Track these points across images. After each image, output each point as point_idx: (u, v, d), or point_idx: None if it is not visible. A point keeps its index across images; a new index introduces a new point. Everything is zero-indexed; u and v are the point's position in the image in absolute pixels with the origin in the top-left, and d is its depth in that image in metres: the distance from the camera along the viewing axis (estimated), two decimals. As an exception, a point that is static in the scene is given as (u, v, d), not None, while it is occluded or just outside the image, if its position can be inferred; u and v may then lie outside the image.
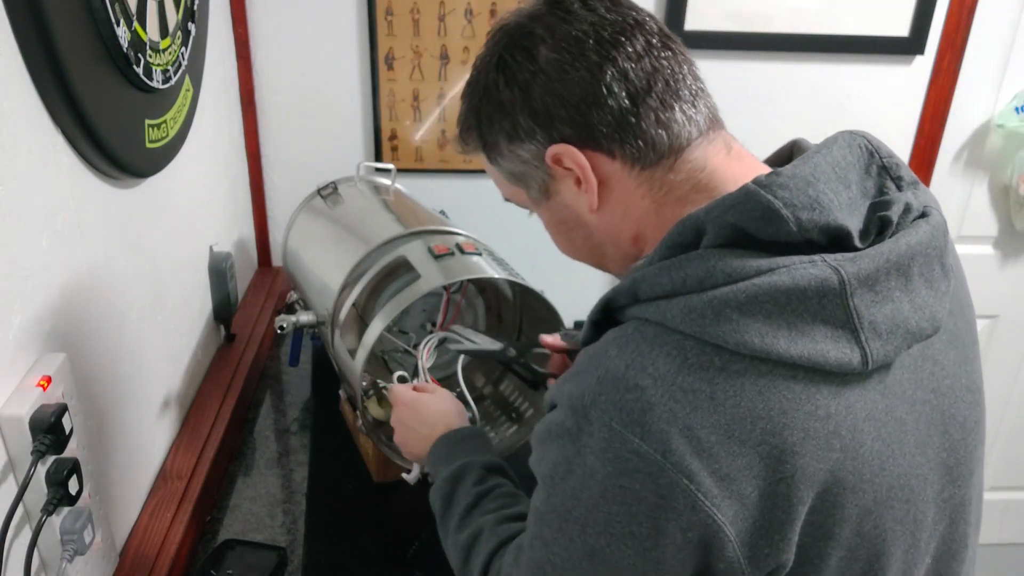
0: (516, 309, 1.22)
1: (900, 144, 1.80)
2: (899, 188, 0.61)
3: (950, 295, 0.62)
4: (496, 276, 1.03)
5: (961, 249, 2.31)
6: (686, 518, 0.53)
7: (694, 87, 0.65)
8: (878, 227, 0.58)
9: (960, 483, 0.65)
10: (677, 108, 0.63)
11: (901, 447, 0.58)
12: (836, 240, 0.56)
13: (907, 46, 1.71)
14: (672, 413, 0.53)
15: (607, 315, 0.62)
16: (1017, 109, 1.78)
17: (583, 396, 0.56)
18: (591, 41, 0.62)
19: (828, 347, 0.54)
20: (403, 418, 0.94)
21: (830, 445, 0.55)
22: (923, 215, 0.61)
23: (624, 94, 0.62)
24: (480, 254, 1.07)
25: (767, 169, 0.64)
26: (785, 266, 0.54)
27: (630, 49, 0.62)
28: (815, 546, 0.57)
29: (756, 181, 0.56)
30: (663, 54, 0.63)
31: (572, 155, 0.64)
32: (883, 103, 1.76)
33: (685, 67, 0.65)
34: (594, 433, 0.55)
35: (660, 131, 0.63)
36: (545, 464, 0.60)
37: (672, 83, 0.63)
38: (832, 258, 0.55)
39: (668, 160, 0.64)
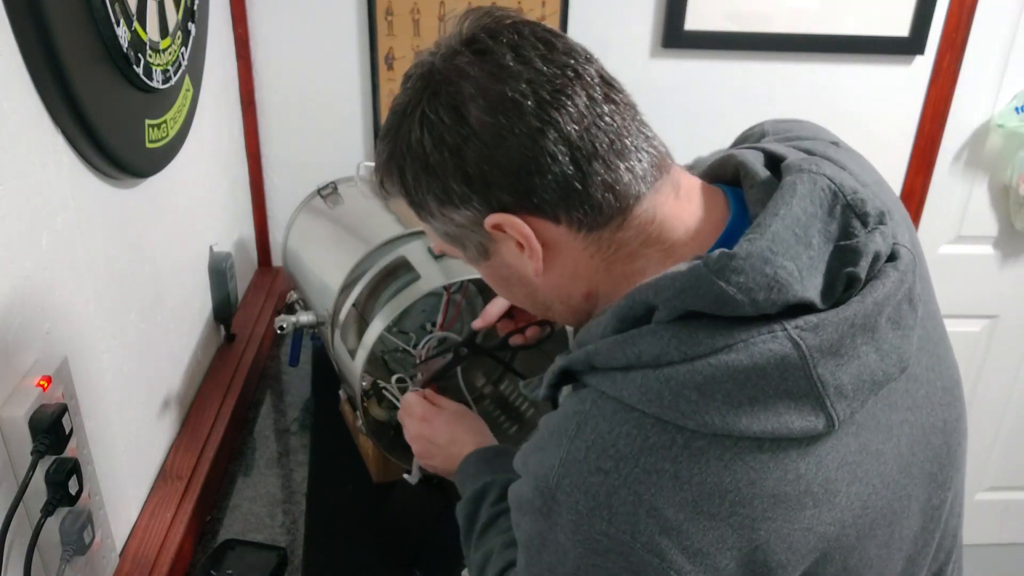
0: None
1: (900, 144, 1.80)
2: (865, 224, 0.57)
3: (918, 323, 0.60)
4: (496, 276, 1.03)
5: (961, 249, 2.30)
6: None
7: (639, 137, 0.60)
8: (845, 283, 0.55)
9: (946, 486, 0.65)
10: (623, 167, 0.58)
11: (881, 479, 0.58)
12: (797, 306, 0.54)
13: (907, 46, 1.71)
14: (637, 495, 0.52)
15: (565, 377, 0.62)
16: (1017, 109, 1.78)
17: (547, 477, 0.56)
18: (530, 103, 0.56)
19: (792, 418, 0.53)
20: (424, 433, 0.93)
21: (802, 504, 0.54)
22: (891, 256, 0.58)
23: (568, 159, 0.57)
24: (480, 254, 1.07)
25: (715, 205, 0.62)
26: (743, 341, 0.52)
27: (572, 109, 0.57)
28: None
29: (707, 263, 0.53)
30: (605, 108, 0.58)
31: (514, 225, 0.59)
32: (883, 103, 1.76)
33: (628, 117, 0.60)
34: (563, 514, 0.55)
35: (607, 194, 0.58)
36: (521, 532, 0.61)
37: (617, 141, 0.58)
38: (793, 328, 0.53)
39: (616, 220, 0.59)
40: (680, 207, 0.61)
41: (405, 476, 1.00)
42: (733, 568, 0.53)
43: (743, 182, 0.63)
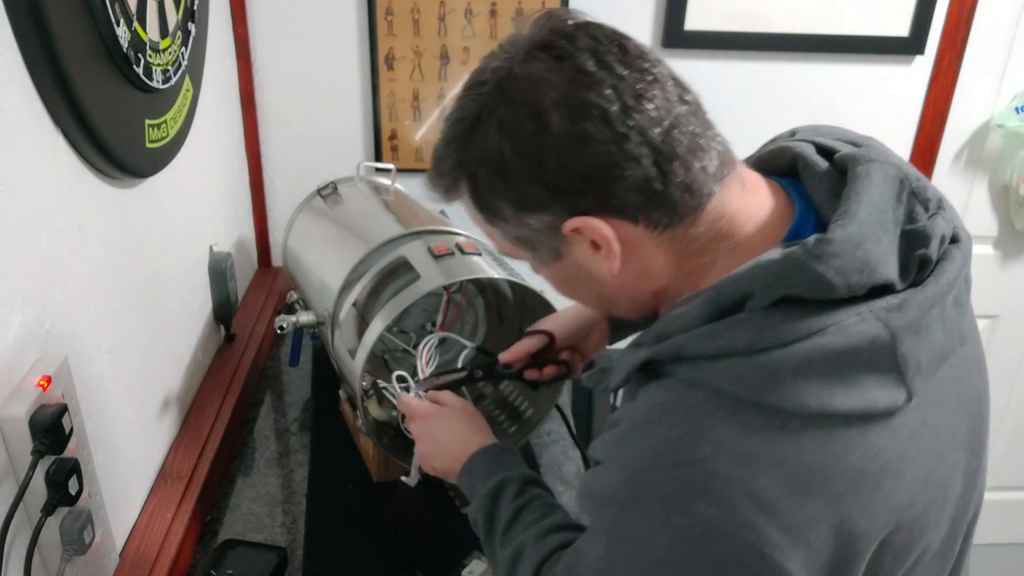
0: (516, 309, 1.22)
1: (900, 144, 1.80)
2: (926, 210, 0.61)
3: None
4: (496, 276, 1.03)
5: (961, 249, 2.25)
6: (755, 571, 0.53)
7: (709, 135, 0.61)
8: (918, 265, 0.58)
9: (980, 452, 0.68)
10: (698, 166, 0.60)
11: (937, 449, 0.60)
12: (879, 288, 0.56)
13: (907, 46, 1.71)
14: (735, 479, 0.53)
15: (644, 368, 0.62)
16: (1017, 109, 1.78)
17: (637, 467, 0.56)
18: (614, 108, 0.57)
19: (878, 394, 0.55)
20: (426, 433, 0.92)
21: (883, 477, 0.56)
22: (953, 239, 0.62)
23: (650, 163, 0.58)
24: (480, 254, 1.07)
25: (779, 199, 0.64)
26: (834, 324, 0.54)
27: (653, 113, 0.58)
28: (873, 561, 0.58)
29: (805, 249, 0.55)
30: (682, 110, 0.59)
31: (594, 228, 0.60)
32: (883, 103, 1.77)
33: (699, 117, 0.61)
34: (655, 502, 0.55)
35: (684, 194, 0.60)
36: (600, 523, 0.60)
37: (692, 141, 0.59)
38: (879, 310, 0.55)
39: (689, 217, 0.61)
40: (747, 201, 0.63)
41: (404, 479, 0.99)
42: (823, 542, 0.54)
43: (802, 173, 0.65)
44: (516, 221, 0.63)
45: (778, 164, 0.68)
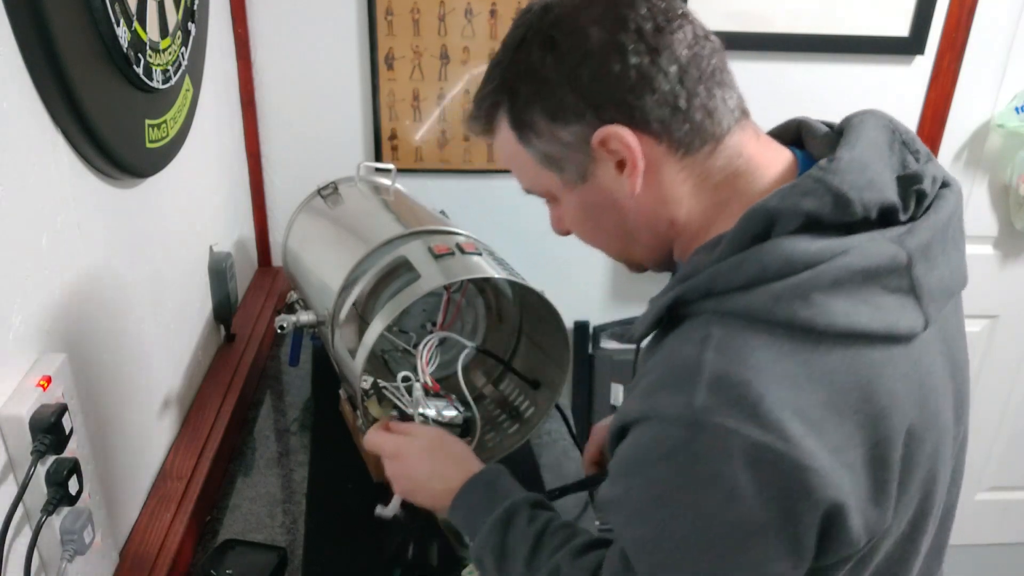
0: (516, 309, 1.22)
1: (900, 144, 1.80)
2: (917, 160, 0.65)
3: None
4: (496, 276, 1.03)
5: (961, 249, 2.24)
6: (814, 497, 0.54)
7: (728, 74, 0.67)
8: (915, 200, 0.62)
9: (963, 422, 0.70)
10: (719, 96, 0.65)
11: (940, 394, 0.63)
12: (884, 216, 0.60)
13: (907, 46, 1.71)
14: (782, 399, 0.54)
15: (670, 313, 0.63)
16: (1017, 109, 1.78)
17: (690, 404, 0.56)
18: (648, 26, 0.63)
19: (899, 316, 0.58)
20: (400, 471, 0.88)
21: (909, 402, 0.59)
22: (944, 184, 0.66)
23: (677, 79, 0.63)
24: (480, 254, 1.07)
25: (788, 154, 0.68)
26: (855, 247, 0.58)
27: (682, 37, 0.64)
28: (898, 501, 0.60)
29: (820, 168, 0.60)
30: (707, 45, 0.65)
31: (621, 137, 0.63)
32: (883, 103, 1.76)
33: (721, 56, 0.67)
34: (710, 438, 0.55)
35: (706, 119, 0.64)
36: (654, 486, 0.59)
37: (715, 72, 0.65)
38: (890, 235, 0.59)
39: (709, 146, 0.65)
40: (760, 149, 0.67)
41: (380, 512, 0.92)
42: (860, 465, 0.56)
43: (805, 136, 0.70)
44: (549, 135, 0.66)
45: (785, 135, 0.73)
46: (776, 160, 0.67)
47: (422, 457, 0.87)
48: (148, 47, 0.94)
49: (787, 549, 0.56)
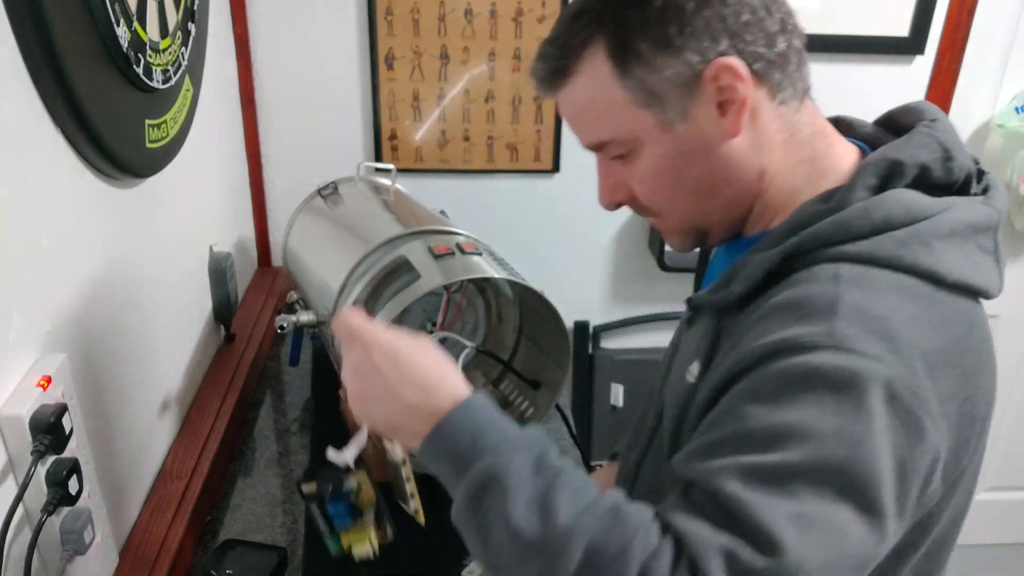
0: (516, 309, 1.22)
1: (900, 144, 1.80)
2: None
3: None
4: (496, 276, 1.03)
5: (961, 249, 2.24)
6: (927, 443, 0.54)
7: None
8: (977, 176, 0.65)
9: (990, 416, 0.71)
10: (805, 57, 0.67)
11: (995, 367, 0.65)
12: (965, 185, 0.64)
13: (907, 46, 1.71)
14: (913, 339, 0.55)
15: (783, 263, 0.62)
16: (1017, 109, 1.78)
17: (832, 332, 0.54)
18: None
19: (991, 276, 0.61)
20: (368, 368, 0.63)
21: (989, 363, 0.61)
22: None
23: (780, 26, 0.64)
24: (480, 254, 1.07)
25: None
26: (958, 203, 0.61)
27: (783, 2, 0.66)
28: (966, 467, 0.62)
29: (927, 125, 0.64)
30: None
31: (738, 71, 0.62)
32: (883, 103, 1.76)
33: (802, 33, 0.69)
34: (853, 363, 0.53)
35: (796, 71, 0.66)
36: (789, 414, 0.53)
37: (801, 39, 0.67)
38: (978, 200, 0.62)
39: (797, 100, 0.66)
40: (825, 121, 0.70)
41: (332, 456, 0.76)
42: (954, 418, 0.57)
43: (847, 126, 0.73)
44: (654, 67, 0.63)
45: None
46: (835, 132, 0.69)
47: (425, 368, 0.63)
48: (148, 47, 0.94)
49: (896, 491, 0.53)
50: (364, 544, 0.79)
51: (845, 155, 0.67)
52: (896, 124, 0.70)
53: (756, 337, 0.58)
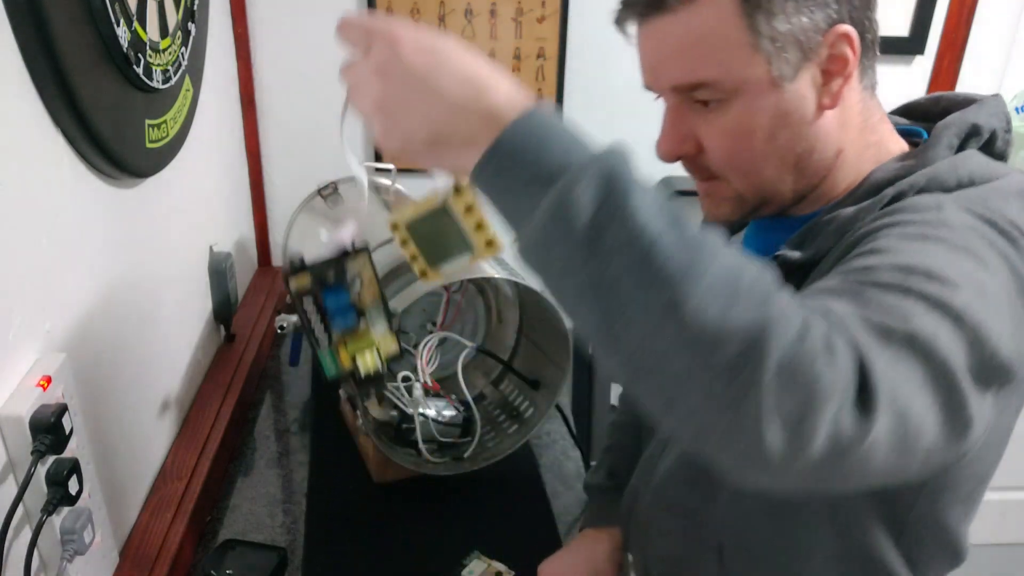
0: (516, 309, 1.22)
1: (900, 144, 1.80)
2: None
3: None
4: (496, 276, 1.03)
5: (961, 249, 2.28)
6: None
7: None
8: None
9: None
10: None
11: None
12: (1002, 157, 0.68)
13: (907, 46, 1.71)
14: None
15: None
16: (1017, 109, 1.78)
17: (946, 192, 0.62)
18: None
19: None
20: (406, 66, 0.51)
21: None
22: None
23: (875, 6, 0.65)
24: (480, 254, 1.07)
25: None
26: (1012, 170, 0.64)
27: None
28: None
29: (994, 98, 0.68)
30: None
31: (854, 42, 0.62)
32: (883, 103, 1.76)
33: None
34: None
35: (874, 59, 0.67)
36: (954, 236, 0.55)
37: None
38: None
39: (871, 88, 0.68)
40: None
41: (324, 236, 0.62)
42: None
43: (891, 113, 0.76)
44: (784, 15, 0.60)
45: None
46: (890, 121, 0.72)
47: (457, 54, 0.51)
48: (148, 47, 0.94)
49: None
50: (371, 354, 0.67)
51: (900, 142, 0.71)
52: (923, 112, 0.75)
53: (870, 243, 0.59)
